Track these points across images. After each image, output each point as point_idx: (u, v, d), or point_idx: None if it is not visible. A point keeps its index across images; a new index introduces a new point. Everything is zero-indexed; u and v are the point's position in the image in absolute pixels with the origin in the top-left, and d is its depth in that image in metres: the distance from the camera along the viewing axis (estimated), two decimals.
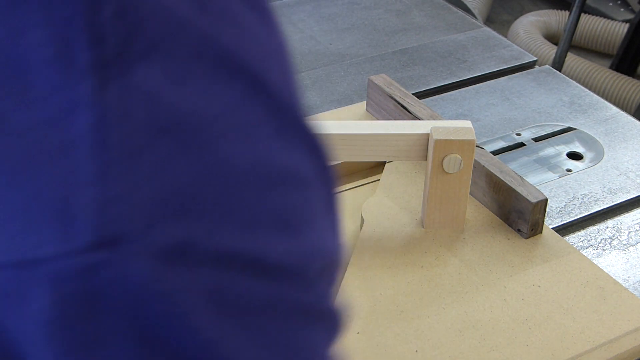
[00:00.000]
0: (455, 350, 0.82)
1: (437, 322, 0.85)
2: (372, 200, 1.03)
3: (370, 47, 1.49)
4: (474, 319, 0.86)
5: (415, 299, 0.88)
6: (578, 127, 1.26)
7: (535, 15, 3.00)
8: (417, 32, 1.55)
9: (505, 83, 1.38)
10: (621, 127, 1.26)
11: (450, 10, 1.64)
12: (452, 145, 0.92)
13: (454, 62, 1.45)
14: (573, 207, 1.08)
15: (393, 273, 0.92)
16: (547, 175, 1.15)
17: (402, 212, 1.01)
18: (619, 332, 0.85)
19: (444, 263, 0.93)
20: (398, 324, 0.85)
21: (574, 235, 1.04)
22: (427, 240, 0.96)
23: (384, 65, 1.43)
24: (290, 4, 1.65)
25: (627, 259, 1.00)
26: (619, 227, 1.06)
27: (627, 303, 0.88)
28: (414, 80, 1.39)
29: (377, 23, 1.58)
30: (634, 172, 1.15)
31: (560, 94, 1.35)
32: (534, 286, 0.90)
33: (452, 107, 1.30)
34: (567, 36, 2.29)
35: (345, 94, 1.34)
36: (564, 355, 0.82)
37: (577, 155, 1.20)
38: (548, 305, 0.88)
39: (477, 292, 0.89)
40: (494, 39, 1.52)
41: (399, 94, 1.14)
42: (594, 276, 0.92)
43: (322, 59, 1.45)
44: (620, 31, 2.90)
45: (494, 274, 0.92)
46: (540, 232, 0.98)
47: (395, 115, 1.13)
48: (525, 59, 1.45)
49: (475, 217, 1.00)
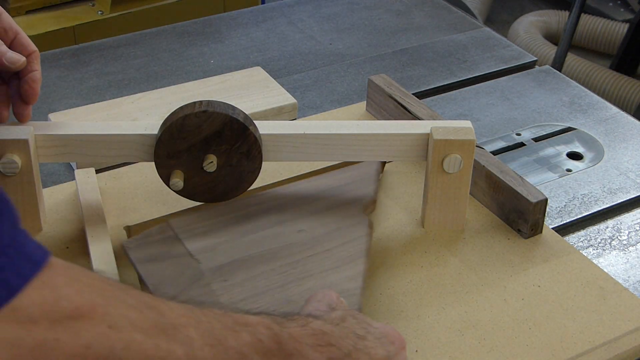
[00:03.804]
0: (455, 350, 0.82)
1: (437, 322, 0.86)
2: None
3: (370, 47, 1.49)
4: (474, 319, 0.86)
5: (415, 299, 0.88)
6: (578, 127, 1.26)
7: (535, 15, 3.00)
8: (417, 32, 1.55)
9: (505, 83, 1.38)
10: (621, 127, 1.26)
11: (450, 10, 1.64)
12: (452, 145, 0.92)
13: (454, 62, 1.45)
14: (573, 207, 1.08)
15: (393, 273, 0.92)
16: (547, 175, 1.15)
17: (402, 212, 1.01)
18: (619, 332, 0.85)
19: (444, 263, 0.93)
20: (398, 324, 0.85)
21: (574, 235, 1.04)
22: (427, 240, 0.96)
23: (384, 65, 1.43)
24: (290, 4, 1.65)
25: (627, 259, 1.00)
26: (619, 227, 1.06)
27: (627, 303, 0.88)
28: (414, 80, 1.39)
29: (377, 23, 1.58)
30: (634, 172, 1.15)
31: (560, 94, 1.35)
32: (534, 286, 0.90)
33: (452, 107, 1.30)
34: (567, 36, 2.29)
35: (345, 94, 1.34)
36: (564, 355, 0.82)
37: (577, 155, 1.20)
38: (548, 305, 0.88)
39: (477, 292, 0.89)
40: (494, 39, 1.52)
41: (399, 94, 1.14)
42: (594, 276, 0.92)
43: (322, 59, 1.45)
44: (620, 31, 2.89)
45: (494, 274, 0.92)
46: (540, 232, 0.98)
47: (395, 115, 1.13)
48: (525, 59, 1.45)
49: (475, 217, 1.00)
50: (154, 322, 0.55)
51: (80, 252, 0.93)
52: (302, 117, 1.25)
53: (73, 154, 0.93)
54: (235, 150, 0.90)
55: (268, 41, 1.50)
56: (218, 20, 1.57)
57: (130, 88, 1.33)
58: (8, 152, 0.89)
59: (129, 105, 1.21)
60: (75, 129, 0.92)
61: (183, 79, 1.36)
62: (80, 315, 0.51)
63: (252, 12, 1.62)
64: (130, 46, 1.47)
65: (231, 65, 1.41)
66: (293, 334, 0.64)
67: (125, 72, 1.39)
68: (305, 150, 0.94)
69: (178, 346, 0.55)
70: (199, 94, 1.24)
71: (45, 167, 1.12)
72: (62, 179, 1.09)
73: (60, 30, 2.10)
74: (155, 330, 0.55)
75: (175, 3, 2.25)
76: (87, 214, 0.95)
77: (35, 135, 0.91)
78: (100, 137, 0.92)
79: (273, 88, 1.26)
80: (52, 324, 0.50)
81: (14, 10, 2.12)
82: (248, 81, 1.28)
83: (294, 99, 1.24)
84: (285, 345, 0.62)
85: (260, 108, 1.21)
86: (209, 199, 0.94)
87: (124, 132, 0.91)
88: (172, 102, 1.20)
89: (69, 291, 0.51)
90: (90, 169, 1.02)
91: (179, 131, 0.88)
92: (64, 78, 1.36)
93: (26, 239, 0.51)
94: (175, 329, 0.56)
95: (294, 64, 1.43)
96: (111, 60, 1.43)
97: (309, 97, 1.33)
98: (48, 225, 0.97)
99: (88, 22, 2.13)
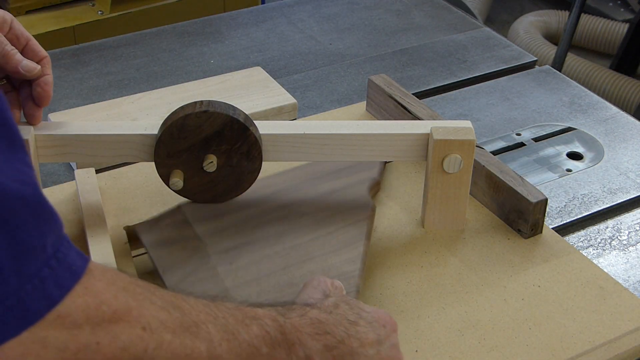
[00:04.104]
0: (455, 350, 0.82)
1: (437, 322, 0.86)
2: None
3: (370, 47, 1.49)
4: (474, 319, 0.86)
5: (415, 299, 0.88)
6: (578, 127, 1.26)
7: (535, 15, 3.00)
8: (417, 32, 1.55)
9: (505, 83, 1.38)
10: (621, 127, 1.26)
11: (450, 10, 1.64)
12: (452, 145, 0.92)
13: (454, 62, 1.45)
14: (573, 207, 1.08)
15: (393, 273, 0.92)
16: (547, 175, 1.15)
17: (402, 212, 1.01)
18: (619, 332, 0.85)
19: (444, 263, 0.93)
20: (398, 324, 0.85)
21: (574, 235, 1.04)
22: (427, 240, 0.96)
23: (384, 65, 1.43)
24: (290, 4, 1.65)
25: (627, 259, 1.00)
26: (619, 227, 1.06)
27: (627, 303, 0.88)
28: (414, 80, 1.39)
29: (377, 23, 1.58)
30: (634, 172, 1.15)
31: (560, 94, 1.35)
32: (534, 286, 0.90)
33: (452, 107, 1.30)
34: (567, 36, 2.29)
35: (345, 94, 1.34)
36: (564, 355, 0.82)
37: (577, 155, 1.20)
38: (548, 305, 0.88)
39: (477, 292, 0.89)
40: (494, 39, 1.52)
41: (399, 94, 1.14)
42: (594, 276, 0.92)
43: (322, 59, 1.45)
44: (620, 31, 2.89)
45: (494, 274, 0.92)
46: (540, 232, 0.98)
47: (395, 115, 1.13)
48: (525, 59, 1.45)
49: (475, 217, 1.00)
50: (179, 321, 0.59)
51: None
52: (302, 117, 1.25)
53: (73, 154, 0.93)
54: (236, 151, 0.90)
55: (268, 41, 1.50)
56: (218, 20, 1.57)
57: (130, 88, 1.33)
58: None
59: (129, 105, 1.21)
60: (75, 129, 0.92)
61: (183, 79, 1.36)
62: (118, 319, 0.55)
63: (252, 12, 1.62)
64: (130, 46, 1.47)
65: (231, 65, 1.41)
66: (294, 324, 0.68)
67: (125, 72, 1.39)
68: (305, 150, 0.94)
69: (200, 343, 0.59)
70: (199, 94, 1.24)
71: (45, 167, 1.12)
72: (62, 179, 1.09)
73: (60, 30, 2.10)
74: (181, 329, 0.58)
75: (175, 3, 2.25)
76: (87, 214, 0.95)
77: (35, 135, 0.91)
78: (100, 137, 0.92)
79: (273, 88, 1.26)
80: (94, 328, 0.53)
81: (14, 10, 2.12)
82: (248, 81, 1.28)
83: (294, 99, 1.24)
84: (289, 335, 0.66)
85: (260, 108, 1.21)
86: (209, 199, 0.94)
87: (124, 132, 0.91)
88: (172, 102, 1.20)
89: (108, 296, 0.55)
90: (90, 169, 1.02)
91: (179, 131, 0.88)
92: (64, 78, 1.36)
93: (68, 249, 0.54)
94: (197, 327, 0.60)
95: (294, 64, 1.43)
96: (111, 60, 1.43)
97: (309, 97, 1.33)
98: None
99: (88, 22, 2.13)
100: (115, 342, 0.54)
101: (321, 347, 0.68)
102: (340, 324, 0.71)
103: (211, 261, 0.89)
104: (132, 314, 0.55)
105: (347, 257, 0.89)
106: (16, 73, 0.89)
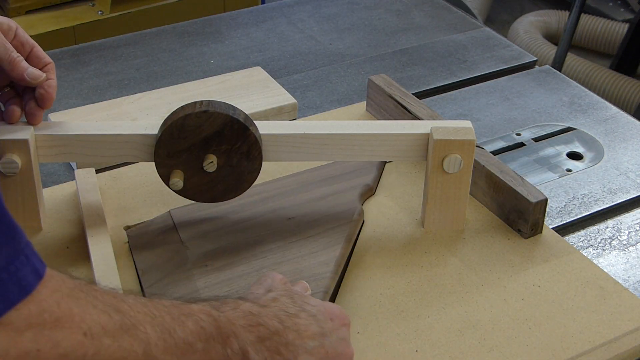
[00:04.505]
0: (455, 350, 0.82)
1: (437, 322, 0.86)
2: (372, 200, 1.03)
3: (370, 47, 1.49)
4: (474, 319, 0.86)
5: (416, 299, 0.88)
6: (578, 127, 1.26)
7: (535, 15, 3.00)
8: (417, 32, 1.55)
9: (505, 83, 1.38)
10: (621, 127, 1.26)
11: (450, 10, 1.64)
12: (452, 145, 0.92)
13: (454, 62, 1.45)
14: (573, 207, 1.08)
15: (393, 273, 0.92)
16: (547, 175, 1.15)
17: (402, 212, 1.01)
18: (619, 332, 0.85)
19: (444, 263, 0.93)
20: (398, 324, 0.85)
21: (574, 235, 1.04)
22: (427, 240, 0.96)
23: (384, 65, 1.43)
24: (290, 4, 1.65)
25: (627, 259, 1.00)
26: (619, 227, 1.06)
27: (627, 303, 0.88)
28: (414, 80, 1.39)
29: (377, 23, 1.58)
30: (634, 172, 1.15)
31: (560, 94, 1.35)
32: (534, 286, 0.90)
33: (452, 107, 1.30)
34: (567, 36, 2.29)
35: (345, 94, 1.34)
36: (564, 355, 0.82)
37: (577, 155, 1.20)
38: (548, 305, 0.88)
39: (477, 292, 0.89)
40: (494, 39, 1.52)
41: (399, 94, 1.14)
42: (594, 276, 0.92)
43: (322, 59, 1.45)
44: (620, 31, 2.89)
45: (494, 274, 0.92)
46: (540, 232, 0.98)
47: (395, 115, 1.13)
48: (525, 59, 1.45)
49: (475, 217, 1.00)
50: (120, 324, 0.59)
51: (80, 252, 0.93)
52: (302, 117, 1.25)
53: (73, 154, 0.93)
54: (236, 151, 0.90)
55: (268, 41, 1.50)
56: (218, 20, 1.57)
57: (130, 88, 1.33)
58: (8, 152, 0.89)
59: (129, 105, 1.21)
60: (75, 129, 0.92)
61: (183, 79, 1.36)
62: (60, 326, 0.55)
63: (252, 12, 1.62)
64: (130, 46, 1.47)
65: (231, 65, 1.41)
66: (229, 317, 0.69)
67: (125, 72, 1.39)
68: (305, 150, 0.94)
69: (138, 345, 0.60)
70: (199, 94, 1.24)
71: (45, 167, 1.12)
72: (62, 179, 1.09)
73: (60, 30, 2.10)
74: (121, 331, 0.59)
75: (175, 3, 2.25)
76: (87, 214, 0.95)
77: (35, 135, 0.91)
78: (100, 137, 0.92)
79: (273, 88, 1.26)
80: (35, 335, 0.54)
81: (14, 10, 2.12)
82: (248, 81, 1.28)
83: (294, 99, 1.24)
84: (224, 328, 0.67)
85: (260, 108, 1.21)
86: (209, 199, 0.94)
87: (124, 132, 0.91)
88: (172, 102, 1.20)
89: (51, 302, 0.55)
90: (90, 169, 1.02)
91: (179, 131, 0.88)
92: (64, 78, 1.36)
93: (24, 264, 0.54)
94: (135, 328, 0.60)
95: (294, 64, 1.43)
96: (111, 60, 1.43)
97: (309, 97, 1.33)
98: (48, 225, 0.97)
99: (88, 22, 2.13)
100: (55, 349, 0.54)
101: (254, 338, 0.69)
102: (276, 316, 0.72)
103: (188, 263, 0.90)
104: (74, 320, 0.56)
105: (322, 260, 0.90)
106: (22, 80, 0.89)
